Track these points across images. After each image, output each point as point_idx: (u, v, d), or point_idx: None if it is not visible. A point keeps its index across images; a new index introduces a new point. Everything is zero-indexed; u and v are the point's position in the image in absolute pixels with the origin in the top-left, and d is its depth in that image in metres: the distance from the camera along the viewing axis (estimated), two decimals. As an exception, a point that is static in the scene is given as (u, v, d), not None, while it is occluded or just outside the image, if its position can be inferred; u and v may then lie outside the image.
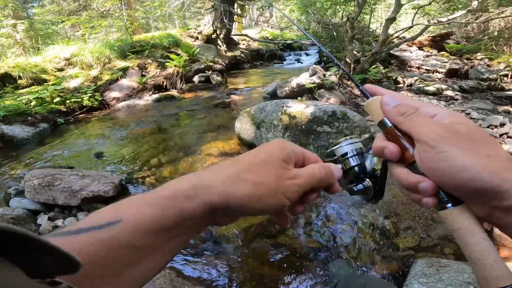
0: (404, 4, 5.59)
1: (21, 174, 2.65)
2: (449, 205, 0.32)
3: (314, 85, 4.35)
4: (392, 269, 1.58)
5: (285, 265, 1.62)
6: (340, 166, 0.42)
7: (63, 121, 4.19)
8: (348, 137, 0.43)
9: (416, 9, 6.16)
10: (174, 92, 5.51)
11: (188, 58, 6.48)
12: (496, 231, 1.66)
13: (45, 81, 5.00)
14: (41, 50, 6.57)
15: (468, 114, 3.67)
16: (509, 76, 5.96)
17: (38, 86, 4.66)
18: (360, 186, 0.41)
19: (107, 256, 0.26)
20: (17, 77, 4.82)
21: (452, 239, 1.74)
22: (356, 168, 0.42)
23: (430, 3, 6.26)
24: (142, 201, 0.29)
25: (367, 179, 0.41)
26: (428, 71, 6.44)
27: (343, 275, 1.54)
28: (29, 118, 3.91)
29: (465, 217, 0.31)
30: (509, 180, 0.27)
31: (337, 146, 0.43)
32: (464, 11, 5.44)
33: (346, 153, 0.42)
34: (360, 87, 0.40)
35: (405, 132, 0.34)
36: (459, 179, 0.29)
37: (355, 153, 0.42)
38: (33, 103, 4.14)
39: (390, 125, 0.35)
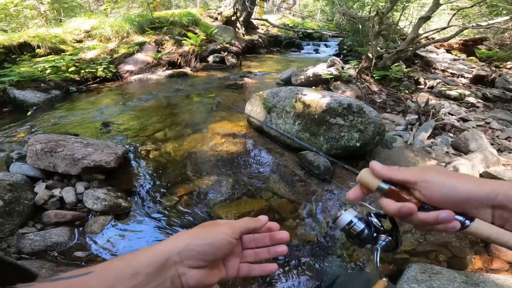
0: (442, 4, 5.23)
1: (25, 138, 2.65)
2: (468, 222, 0.37)
3: (331, 76, 4.20)
4: (386, 270, 1.53)
5: (278, 258, 1.59)
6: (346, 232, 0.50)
7: (75, 89, 4.22)
8: (343, 209, 0.50)
9: (456, 11, 5.77)
10: (187, 70, 5.46)
11: (205, 37, 6.39)
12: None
13: (63, 51, 5.04)
14: (63, 22, 6.61)
15: (488, 123, 3.47)
16: (538, 88, 5.57)
17: (55, 56, 4.70)
18: (382, 243, 0.47)
19: None
20: (36, 46, 4.87)
21: (448, 246, 1.66)
22: (366, 230, 0.48)
23: (472, 6, 5.85)
24: (113, 259, 0.36)
25: (383, 235, 0.47)
26: (453, 75, 6.11)
27: (337, 272, 1.50)
28: (42, 84, 3.95)
29: (486, 225, 0.36)
30: (485, 187, 0.36)
31: (338, 217, 0.49)
32: (507, 17, 5.05)
33: (350, 221, 0.48)
34: (347, 166, 0.50)
35: (400, 185, 0.41)
36: (459, 195, 0.37)
37: (357, 219, 0.48)
38: (48, 71, 4.18)
39: (388, 186, 0.41)
